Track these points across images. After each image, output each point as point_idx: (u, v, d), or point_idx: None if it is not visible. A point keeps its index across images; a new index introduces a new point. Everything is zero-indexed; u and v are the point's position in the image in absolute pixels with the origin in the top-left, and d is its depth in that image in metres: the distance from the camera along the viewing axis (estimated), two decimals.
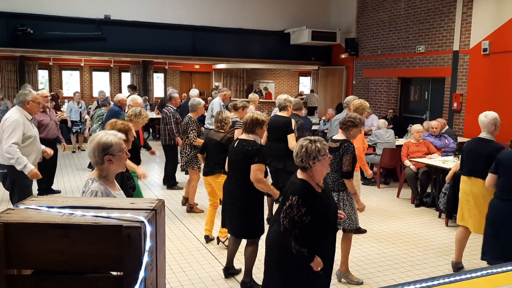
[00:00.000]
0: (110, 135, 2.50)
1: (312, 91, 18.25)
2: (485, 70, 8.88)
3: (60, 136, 6.90)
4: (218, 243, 5.03)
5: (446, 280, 1.68)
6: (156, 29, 12.00)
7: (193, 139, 6.09)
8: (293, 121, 5.72)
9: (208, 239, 5.14)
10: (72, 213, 1.66)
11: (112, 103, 8.68)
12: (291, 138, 5.39)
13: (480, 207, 4.21)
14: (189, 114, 6.32)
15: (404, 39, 10.94)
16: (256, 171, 3.79)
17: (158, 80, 17.98)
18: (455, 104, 9.46)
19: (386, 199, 7.25)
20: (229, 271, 4.29)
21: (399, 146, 7.60)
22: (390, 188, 7.95)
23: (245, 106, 6.38)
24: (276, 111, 7.96)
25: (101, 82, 17.35)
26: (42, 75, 16.56)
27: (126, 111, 6.48)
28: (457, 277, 1.73)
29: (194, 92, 9.61)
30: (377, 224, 5.96)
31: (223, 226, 4.33)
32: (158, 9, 11.95)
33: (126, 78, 17.32)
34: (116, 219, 1.61)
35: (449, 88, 9.71)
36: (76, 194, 6.93)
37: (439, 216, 6.23)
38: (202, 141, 5.77)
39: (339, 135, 4.29)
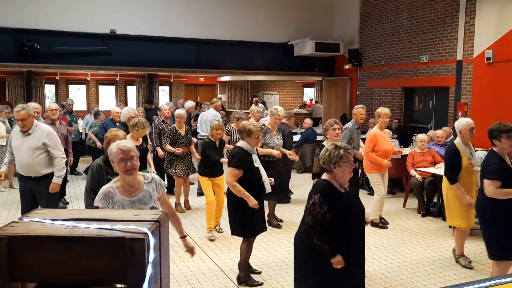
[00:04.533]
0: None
1: (316, 102, 18.29)
2: (489, 79, 8.86)
3: (68, 150, 6.84)
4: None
5: None
6: (160, 42, 12.12)
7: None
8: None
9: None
10: (76, 226, 1.67)
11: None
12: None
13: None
14: None
15: (407, 49, 10.97)
16: (228, 174, 4.16)
17: (163, 93, 18.09)
18: (459, 113, 9.42)
19: (392, 209, 7.20)
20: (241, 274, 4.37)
21: (404, 156, 7.57)
22: (396, 198, 7.89)
23: (240, 117, 6.83)
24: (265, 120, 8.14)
25: (107, 96, 17.49)
26: (49, 90, 16.72)
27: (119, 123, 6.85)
28: None
29: (188, 104, 10.01)
30: (383, 235, 5.91)
31: None
32: (163, 23, 12.09)
33: (132, 92, 17.46)
34: (120, 231, 1.61)
35: (453, 97, 9.69)
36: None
37: (449, 227, 6.14)
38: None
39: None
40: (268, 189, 4.30)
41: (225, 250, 5.25)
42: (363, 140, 6.58)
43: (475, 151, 6.28)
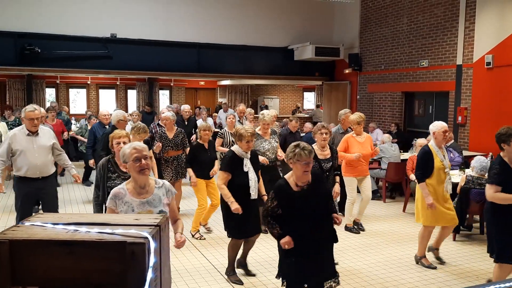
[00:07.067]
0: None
1: (318, 106, 18.30)
2: (489, 84, 8.88)
3: None
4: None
5: None
6: (161, 46, 12.15)
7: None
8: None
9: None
10: (77, 230, 1.68)
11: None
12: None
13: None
14: None
15: (407, 54, 11.00)
16: (218, 177, 4.36)
17: (163, 97, 18.13)
18: (459, 118, 9.44)
19: (392, 213, 7.20)
20: (241, 264, 4.67)
21: (404, 160, 7.58)
22: (395, 203, 7.89)
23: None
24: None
25: (107, 99, 17.52)
26: (50, 93, 16.75)
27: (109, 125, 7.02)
28: None
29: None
30: (383, 239, 5.90)
31: None
32: (163, 27, 12.12)
33: (132, 96, 17.49)
34: (120, 235, 1.62)
35: (453, 102, 9.71)
36: (81, 205, 6.96)
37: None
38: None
39: None
40: (253, 195, 4.29)
41: (219, 248, 5.35)
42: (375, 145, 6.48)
43: (474, 155, 6.32)
